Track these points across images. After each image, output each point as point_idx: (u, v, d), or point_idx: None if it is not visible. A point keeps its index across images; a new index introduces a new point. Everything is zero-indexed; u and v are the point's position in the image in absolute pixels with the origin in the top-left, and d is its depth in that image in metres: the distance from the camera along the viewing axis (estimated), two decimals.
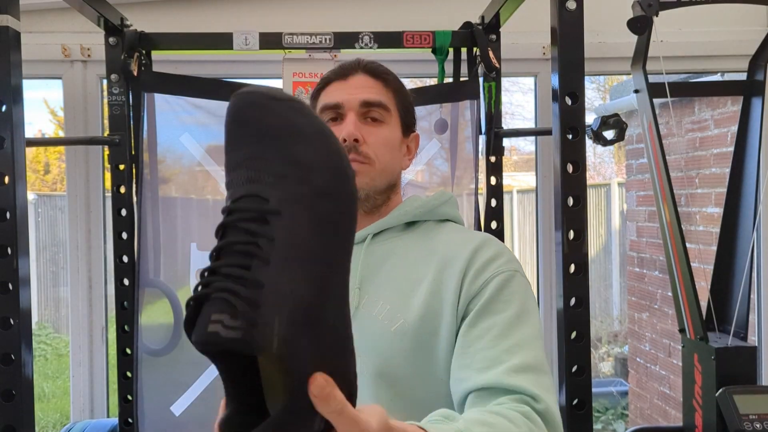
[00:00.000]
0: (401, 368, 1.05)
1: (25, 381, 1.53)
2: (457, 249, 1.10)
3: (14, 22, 1.53)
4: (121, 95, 2.09)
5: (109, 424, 2.17)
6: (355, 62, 1.17)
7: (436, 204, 1.18)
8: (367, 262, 1.12)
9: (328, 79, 1.17)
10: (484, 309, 1.01)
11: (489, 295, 1.02)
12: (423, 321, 1.06)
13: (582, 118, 1.60)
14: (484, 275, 1.05)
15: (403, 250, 1.13)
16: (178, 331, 2.13)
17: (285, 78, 2.11)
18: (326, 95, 1.16)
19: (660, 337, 4.21)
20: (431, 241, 1.14)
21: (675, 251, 1.83)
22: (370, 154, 1.10)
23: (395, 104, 1.16)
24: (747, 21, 2.46)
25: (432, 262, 1.10)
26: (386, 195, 1.16)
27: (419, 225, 1.17)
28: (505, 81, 2.22)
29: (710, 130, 3.63)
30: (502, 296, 1.02)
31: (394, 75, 1.19)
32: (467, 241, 1.11)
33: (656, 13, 1.83)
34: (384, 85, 1.15)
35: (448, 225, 1.19)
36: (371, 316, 1.08)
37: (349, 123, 1.10)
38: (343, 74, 1.16)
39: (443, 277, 1.07)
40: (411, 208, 1.16)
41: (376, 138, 1.12)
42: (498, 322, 0.98)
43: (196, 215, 2.21)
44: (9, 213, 1.51)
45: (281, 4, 2.40)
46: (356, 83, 1.14)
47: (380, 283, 1.11)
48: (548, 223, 2.44)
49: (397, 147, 1.16)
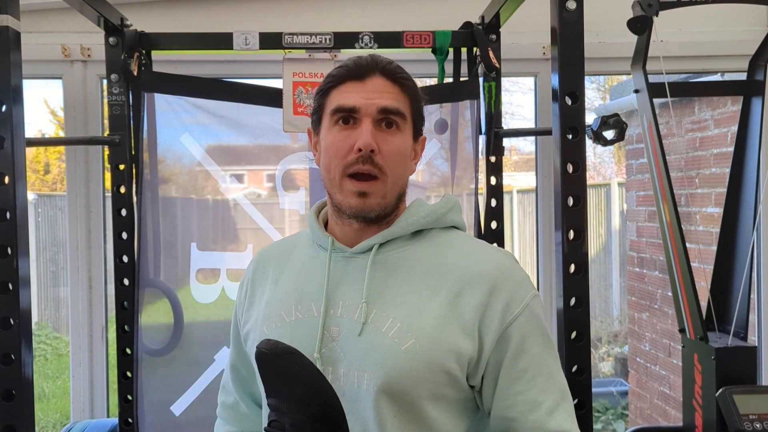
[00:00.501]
0: (408, 387, 1.04)
1: (25, 381, 1.53)
2: (473, 270, 1.09)
3: (14, 22, 1.53)
4: (121, 95, 2.09)
5: (109, 424, 2.17)
6: (372, 62, 1.11)
7: (443, 212, 1.16)
8: (374, 275, 1.10)
9: (342, 78, 1.11)
10: (520, 349, 1.07)
11: (521, 333, 1.07)
12: (435, 344, 1.05)
13: (582, 118, 1.60)
14: (512, 310, 1.07)
15: (411, 261, 1.11)
16: (178, 331, 2.13)
17: (285, 78, 2.11)
18: (341, 95, 1.10)
19: (660, 337, 4.21)
20: (441, 253, 1.12)
21: (675, 251, 1.83)
22: (384, 166, 1.07)
23: (410, 110, 1.12)
24: (747, 21, 2.46)
25: (445, 279, 1.09)
26: (395, 206, 1.13)
27: (425, 233, 1.15)
28: (505, 81, 2.22)
29: (710, 130, 3.63)
30: (531, 329, 1.08)
31: (410, 77, 1.14)
32: (483, 261, 1.11)
33: (656, 13, 1.83)
34: (401, 90, 1.11)
35: (454, 233, 1.18)
36: (380, 333, 1.06)
37: (366, 132, 1.06)
38: (360, 75, 1.10)
39: (460, 301, 1.07)
40: (418, 217, 1.13)
41: (390, 147, 1.08)
42: (533, 360, 1.07)
43: (196, 215, 2.21)
44: (9, 213, 1.51)
45: (281, 4, 2.40)
46: (374, 86, 1.09)
47: (389, 298, 1.08)
48: (548, 223, 2.44)
49: (409, 155, 1.14)
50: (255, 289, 1.23)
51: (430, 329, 1.05)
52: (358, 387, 1.05)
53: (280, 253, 1.24)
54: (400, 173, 1.11)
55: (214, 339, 2.13)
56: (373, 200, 1.08)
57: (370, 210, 1.09)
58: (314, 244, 1.18)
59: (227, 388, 1.32)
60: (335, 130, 1.10)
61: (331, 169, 1.09)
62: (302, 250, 1.20)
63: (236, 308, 1.27)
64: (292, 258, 1.20)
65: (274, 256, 1.24)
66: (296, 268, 1.18)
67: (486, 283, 1.07)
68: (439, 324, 1.06)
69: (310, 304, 1.12)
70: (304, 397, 0.95)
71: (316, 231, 1.17)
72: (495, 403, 1.09)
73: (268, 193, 2.27)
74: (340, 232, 1.15)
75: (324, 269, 1.13)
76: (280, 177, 2.21)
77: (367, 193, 1.07)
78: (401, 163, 1.11)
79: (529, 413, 1.06)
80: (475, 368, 1.08)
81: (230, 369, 1.30)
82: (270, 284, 1.20)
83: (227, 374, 1.31)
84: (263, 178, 2.29)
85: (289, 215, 2.21)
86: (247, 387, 1.28)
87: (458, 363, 1.06)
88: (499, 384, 1.08)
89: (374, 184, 1.08)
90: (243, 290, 1.25)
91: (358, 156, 1.06)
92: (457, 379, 1.07)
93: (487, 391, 1.10)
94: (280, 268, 1.20)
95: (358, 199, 1.08)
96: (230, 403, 1.31)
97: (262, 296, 1.20)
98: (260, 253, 1.27)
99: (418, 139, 1.17)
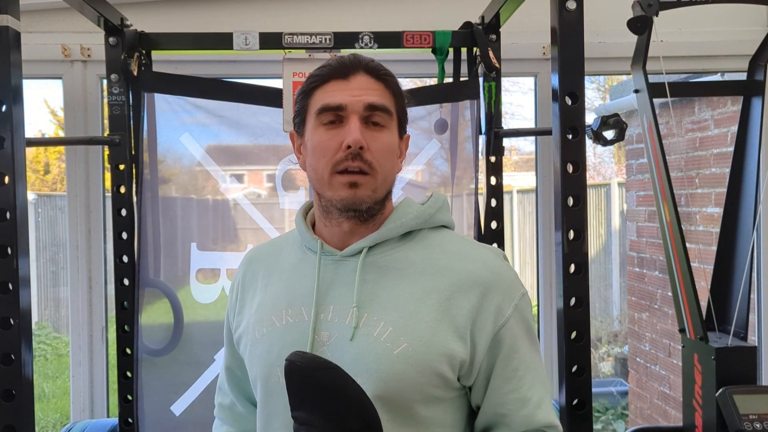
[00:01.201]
0: (401, 391, 1.05)
1: (25, 381, 1.53)
2: (465, 273, 1.10)
3: (14, 22, 1.53)
4: (121, 95, 2.09)
5: (109, 424, 2.17)
6: (354, 60, 1.10)
7: (432, 212, 1.16)
8: (364, 278, 1.09)
9: (326, 77, 1.10)
10: (511, 350, 1.10)
11: (512, 335, 1.10)
12: (428, 347, 1.05)
13: (582, 118, 1.60)
14: (503, 313, 1.09)
15: (402, 264, 1.11)
16: (178, 331, 2.13)
17: (285, 78, 2.11)
18: (325, 94, 1.09)
19: (660, 337, 4.21)
20: (432, 255, 1.12)
21: (675, 251, 1.83)
22: (373, 162, 1.07)
23: (395, 107, 1.12)
24: (747, 21, 2.46)
25: (437, 282, 1.09)
26: (383, 203, 1.12)
27: (415, 234, 1.15)
28: (505, 81, 2.22)
29: (710, 130, 3.63)
30: (521, 330, 1.11)
31: (393, 75, 1.13)
32: (474, 263, 1.11)
33: (656, 13, 1.83)
34: (385, 87, 1.11)
35: (444, 232, 1.17)
36: (372, 337, 1.06)
37: (354, 129, 1.06)
38: (344, 73, 1.09)
39: (451, 304, 1.07)
40: (408, 219, 1.13)
41: (378, 144, 1.08)
42: (522, 360, 1.11)
43: (196, 215, 2.21)
44: (9, 213, 1.51)
45: (281, 4, 2.40)
46: (358, 84, 1.09)
47: (381, 302, 1.08)
48: (548, 223, 2.44)
49: (396, 152, 1.13)
50: (245, 292, 1.22)
51: (422, 332, 1.05)
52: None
53: (269, 255, 1.23)
54: (389, 170, 1.10)
55: (214, 339, 2.13)
56: (364, 191, 1.07)
57: (361, 202, 1.07)
58: (302, 246, 1.18)
59: (223, 390, 1.32)
60: (322, 129, 1.09)
61: (320, 169, 1.09)
62: (291, 253, 1.19)
63: (228, 311, 1.27)
64: (282, 261, 1.20)
65: (263, 258, 1.23)
66: (286, 271, 1.17)
67: (478, 286, 1.08)
68: (431, 327, 1.06)
69: (300, 309, 1.11)
70: (342, 412, 0.95)
71: (304, 234, 1.17)
72: (486, 401, 1.12)
73: (268, 193, 2.27)
74: (328, 234, 1.14)
75: (313, 273, 1.12)
76: (280, 177, 2.21)
77: (358, 184, 1.07)
78: (390, 160, 1.10)
79: (520, 409, 1.10)
80: (468, 371, 1.09)
81: (225, 370, 1.30)
82: (260, 288, 1.20)
83: (222, 375, 1.32)
84: (263, 178, 2.29)
85: (289, 215, 2.21)
86: (243, 388, 1.27)
87: (450, 366, 1.06)
88: (491, 384, 1.11)
89: (365, 177, 1.07)
90: (234, 293, 1.25)
91: (347, 153, 1.06)
92: (449, 381, 1.07)
93: (477, 390, 1.12)
94: (270, 271, 1.20)
95: (348, 190, 1.06)
96: (227, 404, 1.31)
97: (252, 300, 1.20)
98: (249, 256, 1.27)
99: (403, 137, 1.16)
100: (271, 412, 1.12)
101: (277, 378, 1.08)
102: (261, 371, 1.12)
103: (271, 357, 1.10)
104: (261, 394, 1.14)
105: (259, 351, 1.13)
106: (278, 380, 1.06)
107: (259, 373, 1.13)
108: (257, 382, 1.14)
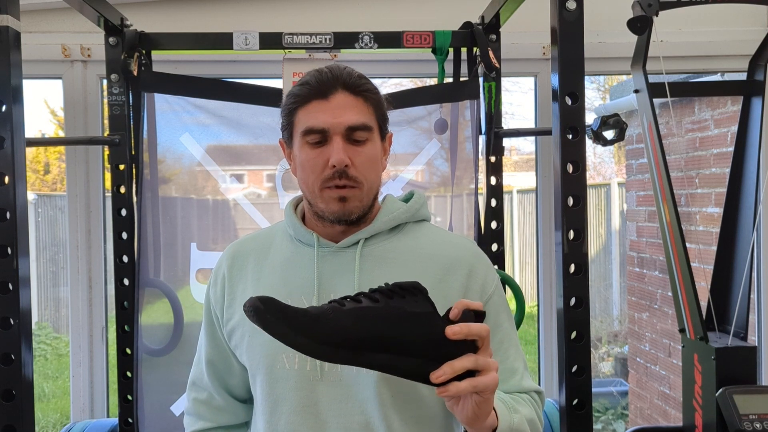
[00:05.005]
0: None
1: (25, 381, 1.53)
2: (452, 257, 1.22)
3: (14, 22, 1.53)
4: (121, 95, 2.09)
5: (109, 424, 2.17)
6: (332, 77, 1.15)
7: (418, 207, 1.26)
8: (363, 267, 1.17)
9: (307, 98, 1.15)
10: (495, 324, 1.20)
11: (495, 309, 1.22)
12: None
13: (582, 118, 1.60)
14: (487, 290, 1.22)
15: (394, 253, 1.20)
16: (178, 331, 2.13)
17: (285, 78, 2.11)
18: (308, 116, 1.15)
19: (660, 337, 4.21)
20: (420, 244, 1.23)
21: (675, 251, 1.83)
22: (359, 177, 1.14)
23: (375, 118, 1.18)
24: (747, 21, 2.46)
25: (428, 266, 1.19)
26: (371, 207, 1.20)
27: (402, 227, 1.24)
28: (505, 81, 2.23)
29: (710, 130, 3.63)
30: (502, 306, 1.25)
31: (371, 84, 1.18)
32: (458, 248, 1.24)
33: (656, 13, 1.83)
34: (364, 101, 1.16)
35: (426, 225, 1.28)
36: None
37: (338, 150, 1.12)
38: (323, 92, 1.14)
39: (443, 285, 1.18)
40: (398, 213, 1.23)
41: (362, 159, 1.15)
42: (506, 333, 1.23)
43: (196, 215, 2.21)
44: (9, 213, 1.51)
45: (281, 4, 2.40)
46: (338, 103, 1.14)
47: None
48: (548, 223, 2.44)
49: (380, 158, 1.20)
50: (234, 284, 1.24)
51: None
52: (357, 372, 1.12)
53: (257, 248, 1.26)
54: (373, 179, 1.18)
55: None
56: (352, 203, 1.16)
57: (351, 213, 1.16)
58: (293, 239, 1.23)
59: (199, 384, 1.34)
60: (307, 148, 1.16)
61: (309, 183, 1.17)
62: (282, 245, 1.24)
63: (212, 305, 1.28)
64: (273, 253, 1.24)
65: (251, 251, 1.26)
66: (278, 264, 1.22)
67: (464, 267, 1.21)
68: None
69: (300, 298, 1.16)
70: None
71: (297, 227, 1.22)
72: None
73: (268, 193, 2.27)
74: (322, 230, 1.21)
75: (309, 264, 1.19)
76: (280, 177, 2.22)
77: (347, 198, 1.15)
78: (374, 170, 1.18)
79: (509, 379, 1.21)
80: None
81: (205, 364, 1.31)
82: (252, 280, 1.22)
83: (199, 370, 1.33)
84: (263, 178, 2.29)
85: None
86: (224, 380, 1.30)
87: None
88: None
89: (352, 191, 1.15)
90: (219, 287, 1.27)
91: (333, 171, 1.13)
92: None
93: None
94: (261, 264, 1.23)
95: (339, 203, 1.15)
96: (203, 399, 1.33)
97: (244, 292, 1.22)
98: (234, 249, 1.29)
99: (385, 138, 1.23)
100: (277, 398, 1.16)
101: (283, 364, 1.15)
102: (264, 360, 1.17)
103: (274, 345, 1.11)
104: (263, 383, 1.17)
105: (260, 340, 1.16)
106: (284, 366, 1.15)
107: (261, 362, 1.17)
108: (258, 371, 1.18)
